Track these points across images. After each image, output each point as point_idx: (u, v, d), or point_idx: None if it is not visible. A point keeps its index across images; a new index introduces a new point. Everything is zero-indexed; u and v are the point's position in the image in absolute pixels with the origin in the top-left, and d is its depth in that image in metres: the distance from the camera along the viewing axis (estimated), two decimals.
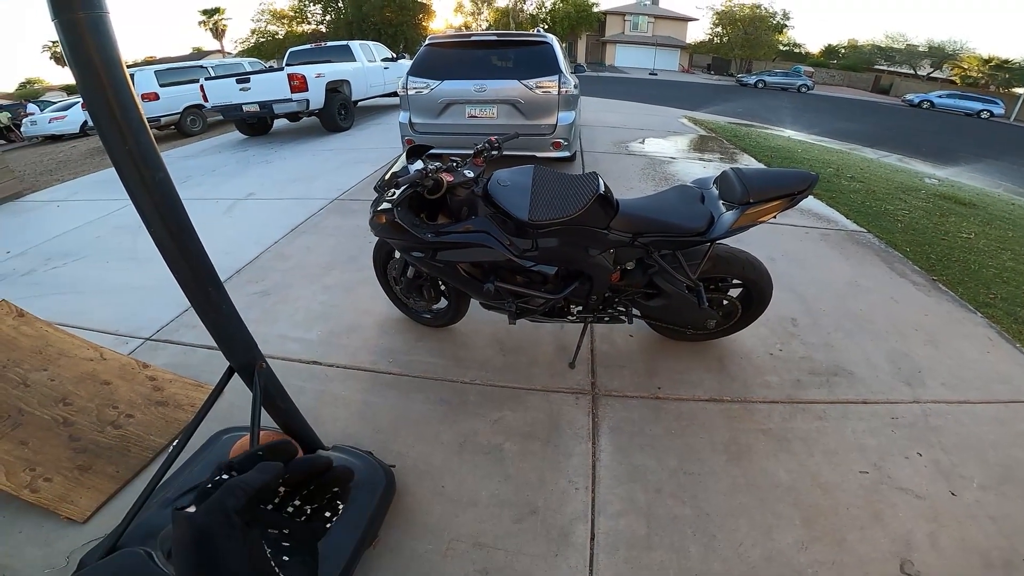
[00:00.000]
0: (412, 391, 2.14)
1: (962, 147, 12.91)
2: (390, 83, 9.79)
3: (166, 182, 1.01)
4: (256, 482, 0.38)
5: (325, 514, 0.44)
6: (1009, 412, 2.09)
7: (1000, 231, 4.42)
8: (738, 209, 1.79)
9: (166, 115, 9.63)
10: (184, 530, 0.35)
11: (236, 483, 0.38)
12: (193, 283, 1.11)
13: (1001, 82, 35.41)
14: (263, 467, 0.40)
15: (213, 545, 0.34)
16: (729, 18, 40.39)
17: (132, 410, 1.93)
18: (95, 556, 1.33)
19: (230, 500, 0.36)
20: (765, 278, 2.09)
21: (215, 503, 0.36)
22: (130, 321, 2.69)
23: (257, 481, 0.38)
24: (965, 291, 3.07)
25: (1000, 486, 1.73)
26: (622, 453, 1.84)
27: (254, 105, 7.48)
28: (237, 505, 0.36)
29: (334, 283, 3.02)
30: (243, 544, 0.35)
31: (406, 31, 35.58)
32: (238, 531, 0.35)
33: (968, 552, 1.51)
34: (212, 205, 4.66)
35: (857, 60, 43.21)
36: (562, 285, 1.97)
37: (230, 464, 0.42)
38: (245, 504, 0.37)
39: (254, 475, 0.39)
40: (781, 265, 3.16)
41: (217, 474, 0.41)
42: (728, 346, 2.40)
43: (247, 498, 0.37)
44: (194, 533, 0.34)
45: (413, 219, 1.81)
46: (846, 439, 1.91)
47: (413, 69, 4.94)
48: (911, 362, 2.36)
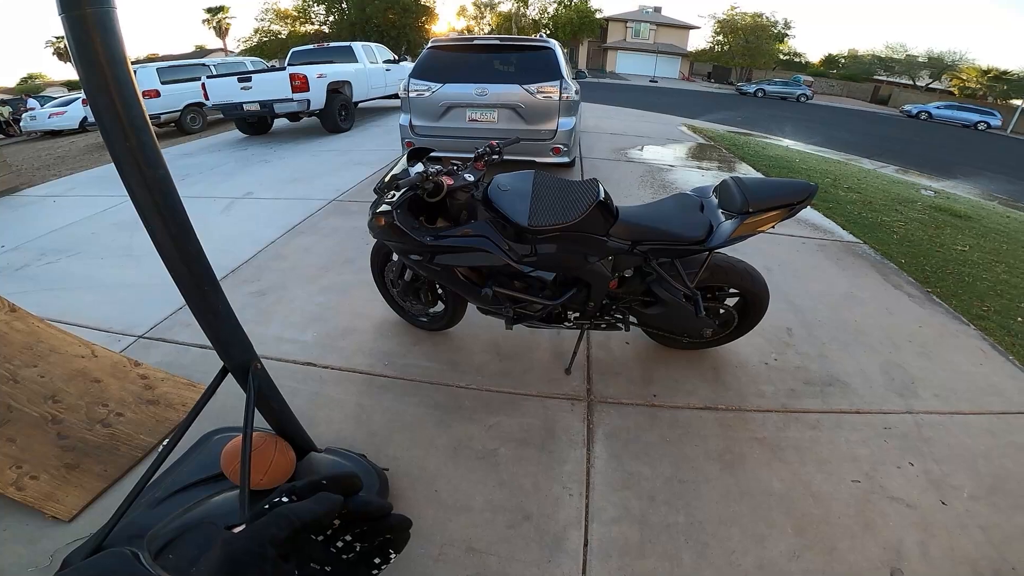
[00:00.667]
0: (407, 395, 2.13)
1: (959, 159, 13.00)
2: (391, 85, 9.79)
3: (166, 180, 1.00)
4: (307, 515, 0.38)
5: (375, 560, 0.43)
6: (1001, 423, 2.11)
7: (994, 244, 4.45)
8: (737, 218, 1.80)
9: (167, 112, 9.63)
10: (217, 552, 0.35)
11: (287, 511, 0.37)
12: (190, 283, 1.11)
13: (999, 93, 35.66)
14: (320, 499, 0.39)
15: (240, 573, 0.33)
16: (730, 27, 40.66)
17: (122, 408, 1.91)
18: (80, 555, 1.32)
19: (273, 529, 0.36)
20: (762, 288, 2.10)
21: (257, 530, 0.36)
22: (123, 318, 2.68)
23: (309, 514, 0.38)
24: (959, 303, 3.09)
25: (990, 496, 1.75)
26: (617, 460, 1.83)
27: (255, 104, 7.48)
28: (279, 535, 0.35)
29: (331, 284, 3.01)
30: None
31: (409, 34, 35.70)
32: (269, 563, 0.34)
33: (958, 562, 1.52)
34: (210, 203, 4.64)
35: (857, 70, 43.50)
36: (560, 291, 1.97)
37: (292, 488, 0.41)
38: (289, 535, 0.36)
39: (308, 506, 0.38)
40: (778, 275, 3.17)
41: (277, 496, 0.40)
42: (724, 355, 2.41)
43: (292, 529, 0.36)
44: (226, 556, 0.34)
45: (412, 222, 1.81)
46: (839, 448, 1.92)
47: (415, 71, 4.94)
48: (904, 373, 2.37)
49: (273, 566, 0.34)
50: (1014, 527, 1.64)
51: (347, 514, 0.40)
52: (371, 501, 0.42)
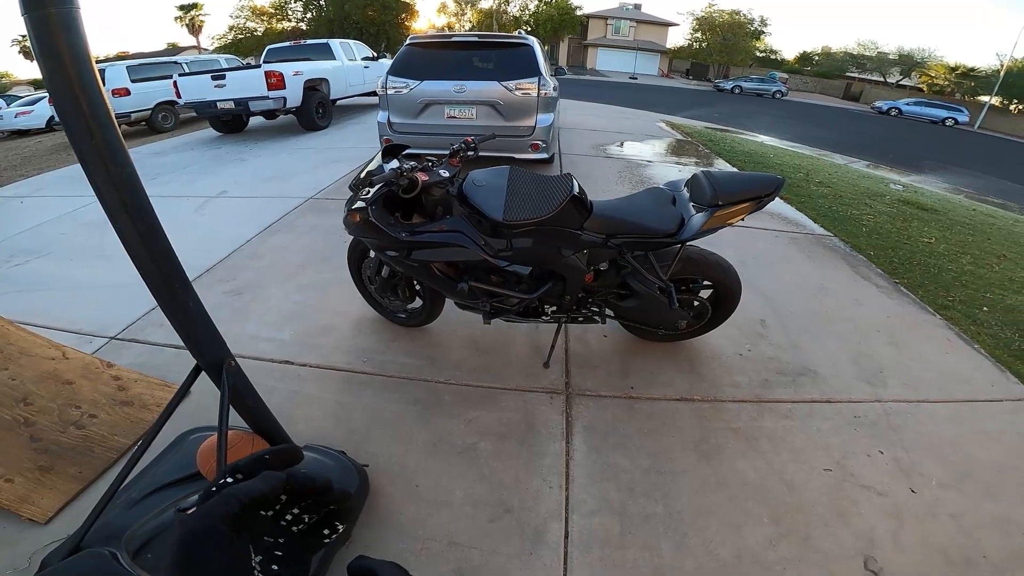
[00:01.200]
0: (386, 391, 2.13)
1: (927, 154, 13.39)
2: (370, 82, 9.71)
3: (133, 179, 1.00)
4: (254, 491, 0.39)
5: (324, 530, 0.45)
6: (967, 411, 2.17)
7: (960, 236, 4.59)
8: (708, 211, 1.84)
9: (137, 111, 9.45)
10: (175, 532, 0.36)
11: (234, 491, 0.39)
12: (160, 281, 1.10)
13: (967, 90, 36.71)
14: (265, 477, 0.41)
15: (197, 549, 0.35)
16: (709, 24, 41.10)
17: (95, 410, 1.89)
18: (58, 556, 1.31)
19: (222, 507, 0.37)
20: (734, 280, 2.15)
21: (208, 509, 0.37)
22: (95, 320, 2.62)
23: (255, 491, 0.39)
24: (925, 294, 3.19)
25: (959, 484, 1.80)
26: (596, 452, 1.86)
27: (229, 102, 7.36)
28: (229, 512, 0.37)
29: (308, 283, 2.98)
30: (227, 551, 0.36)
31: (388, 30, 35.38)
32: (224, 538, 0.36)
33: (929, 549, 1.56)
34: (183, 203, 4.55)
35: (830, 67, 44.38)
36: (536, 285, 1.98)
37: (235, 467, 0.42)
38: (239, 511, 0.37)
39: (254, 484, 0.40)
40: (752, 268, 3.23)
41: (222, 477, 0.41)
42: (699, 347, 2.45)
43: (241, 506, 0.38)
44: (181, 535, 0.35)
45: (387, 218, 1.81)
46: (811, 438, 1.97)
47: (393, 68, 4.92)
48: (873, 362, 2.43)
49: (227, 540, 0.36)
50: (983, 515, 1.68)
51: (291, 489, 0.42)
52: (313, 476, 0.44)
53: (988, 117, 30.47)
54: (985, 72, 36.16)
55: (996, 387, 2.35)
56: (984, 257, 4.08)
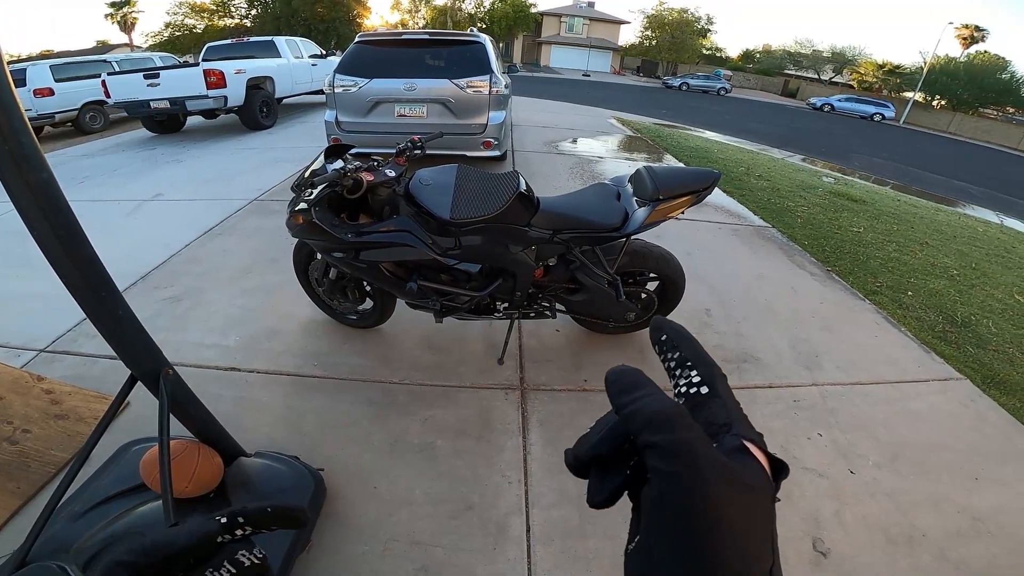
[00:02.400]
0: (339, 393, 2.10)
1: (857, 147, 14.25)
2: (317, 80, 9.47)
3: (50, 183, 0.95)
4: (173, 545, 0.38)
5: None
6: (896, 392, 2.32)
7: (886, 225, 4.94)
8: (650, 205, 1.90)
9: (61, 111, 8.89)
10: None
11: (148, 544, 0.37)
12: (84, 289, 1.05)
13: (893, 87, 39.32)
14: (190, 531, 0.40)
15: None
16: (658, 22, 42.15)
17: (28, 425, 1.84)
18: (5, 572, 1.25)
19: (126, 556, 0.36)
20: (678, 271, 2.23)
21: (112, 558, 0.36)
22: (23, 332, 2.45)
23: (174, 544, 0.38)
24: (855, 280, 3.41)
25: (892, 463, 1.92)
26: (552, 446, 1.89)
27: (164, 102, 7.00)
28: (129, 561, 0.36)
29: (253, 286, 2.88)
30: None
31: (339, 27, 34.43)
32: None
33: (871, 529, 1.65)
34: (114, 207, 4.29)
35: (770, 64, 46.49)
36: (486, 282, 2.00)
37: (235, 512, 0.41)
38: (141, 563, 0.36)
39: (177, 535, 0.39)
40: (697, 259, 3.37)
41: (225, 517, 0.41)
42: (648, 338, 2.52)
43: (139, 556, 0.37)
44: None
45: (332, 219, 1.78)
46: (755, 422, 1.99)
47: (341, 67, 4.81)
48: (809, 347, 2.58)
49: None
50: (918, 493, 1.80)
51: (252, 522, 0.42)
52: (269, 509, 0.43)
53: (912, 112, 32.81)
54: (910, 69, 38.85)
55: (922, 368, 2.53)
56: (908, 245, 4.40)
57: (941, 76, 34.90)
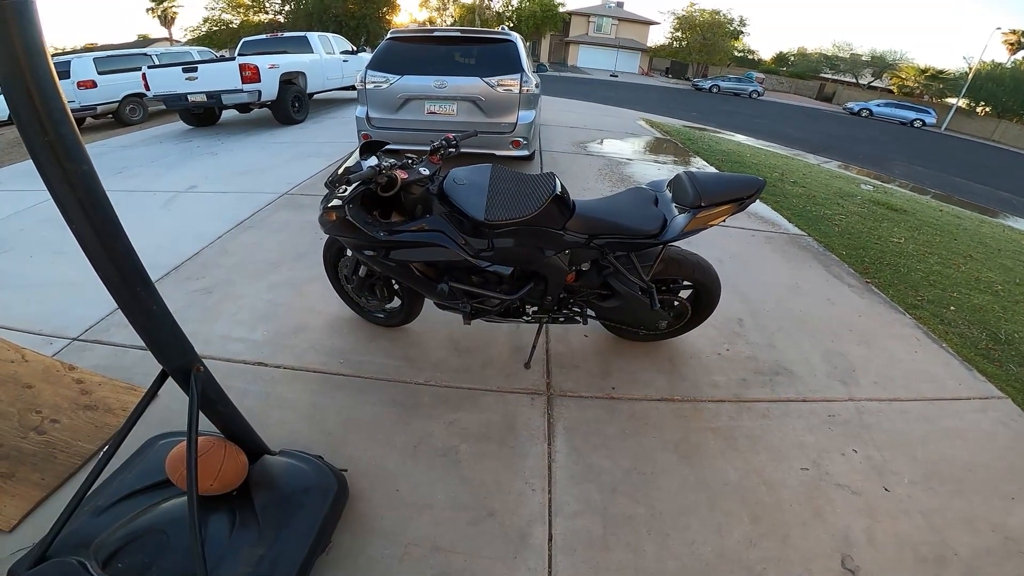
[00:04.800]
0: (364, 393, 2.09)
1: (896, 154, 13.78)
2: (349, 76, 9.59)
3: (89, 175, 0.95)
4: None
5: None
6: (935, 409, 2.22)
7: (928, 236, 4.73)
8: (690, 212, 1.84)
9: (103, 103, 9.17)
10: None
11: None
12: (119, 283, 1.05)
13: (935, 92, 37.89)
14: None
15: None
16: (689, 23, 41.51)
17: (57, 415, 1.83)
18: (24, 565, 1.26)
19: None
20: (714, 280, 2.16)
21: None
22: (55, 320, 2.50)
23: None
24: (895, 293, 3.27)
25: (928, 482, 1.84)
26: (577, 453, 1.85)
27: (201, 95, 7.17)
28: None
29: (281, 281, 2.90)
30: None
31: (369, 24, 34.79)
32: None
33: (902, 547, 1.59)
34: (150, 197, 4.39)
35: (805, 68, 45.27)
36: (517, 286, 1.96)
37: None
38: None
39: None
40: (729, 267, 3.27)
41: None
42: (679, 346, 2.46)
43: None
44: None
45: (365, 217, 1.76)
46: (788, 437, 1.99)
47: (372, 63, 4.83)
48: (845, 361, 2.48)
49: None
50: (953, 512, 1.72)
51: None
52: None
53: (955, 119, 31.55)
54: (953, 75, 37.39)
55: (963, 385, 2.41)
56: (951, 257, 4.20)
57: (987, 82, 33.43)
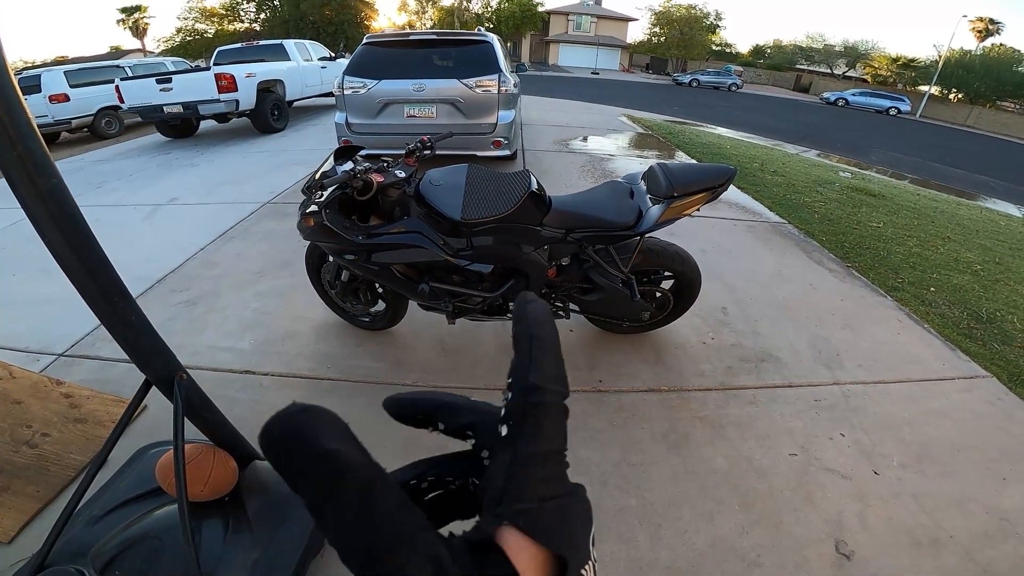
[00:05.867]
0: (353, 396, 2.09)
1: (873, 142, 13.98)
2: (327, 83, 9.50)
3: (60, 189, 0.95)
4: None
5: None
6: (920, 390, 2.26)
7: (906, 220, 4.83)
8: (664, 203, 1.87)
9: (77, 117, 8.96)
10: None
11: None
12: (96, 295, 1.04)
13: (908, 80, 38.66)
14: None
15: None
16: (666, 18, 41.92)
17: (48, 428, 1.85)
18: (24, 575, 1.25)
19: None
20: (693, 269, 2.19)
21: None
22: (41, 337, 2.48)
23: None
24: (876, 276, 3.33)
25: (918, 464, 1.86)
26: (567, 447, 1.86)
27: (177, 106, 7.08)
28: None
29: (267, 289, 2.89)
30: None
31: (347, 30, 34.66)
32: None
33: (896, 531, 1.61)
34: (130, 211, 4.32)
35: (781, 60, 45.88)
36: (498, 283, 1.98)
37: None
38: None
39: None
40: (712, 256, 3.31)
41: None
42: (664, 337, 2.49)
43: None
44: None
45: (343, 221, 1.77)
46: (775, 423, 2.01)
47: (350, 68, 4.82)
48: (830, 345, 2.52)
49: None
50: (944, 494, 1.75)
51: None
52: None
53: (929, 106, 32.15)
54: (924, 63, 38.10)
55: (947, 366, 2.46)
56: (930, 240, 4.29)
57: (957, 69, 34.14)
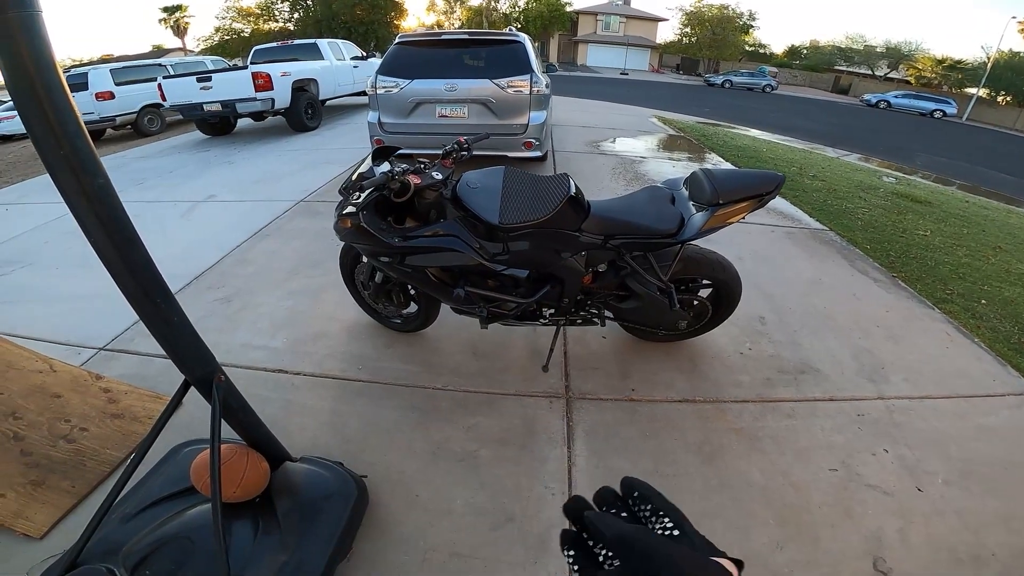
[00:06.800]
0: (383, 399, 2.09)
1: (918, 146, 13.45)
2: (360, 82, 9.64)
3: (106, 188, 0.95)
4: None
5: None
6: (968, 406, 2.15)
7: (955, 228, 4.60)
8: (708, 210, 1.80)
9: (121, 114, 9.34)
10: None
11: None
12: (139, 294, 1.05)
13: (954, 82, 37.10)
14: None
15: None
16: (698, 18, 41.23)
17: (86, 423, 1.86)
18: (55, 572, 1.29)
19: None
20: (734, 278, 2.11)
21: None
22: (82, 331, 2.55)
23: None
24: (923, 287, 3.18)
25: (963, 481, 1.78)
26: (597, 457, 1.82)
27: (216, 104, 7.27)
28: None
29: (299, 288, 2.92)
30: None
31: (377, 30, 35.19)
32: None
33: (937, 548, 1.54)
34: (170, 208, 4.45)
35: (818, 60, 44.60)
36: (534, 288, 1.94)
37: None
38: None
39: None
40: (749, 264, 3.21)
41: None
42: (699, 346, 2.42)
43: None
44: None
45: (379, 223, 1.76)
46: (815, 437, 1.94)
47: (382, 68, 4.86)
48: (874, 358, 2.41)
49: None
50: (989, 512, 1.67)
51: None
52: None
53: (976, 109, 30.77)
54: (971, 64, 36.51)
55: (997, 381, 2.33)
56: (980, 249, 4.08)
57: (1006, 71, 32.61)
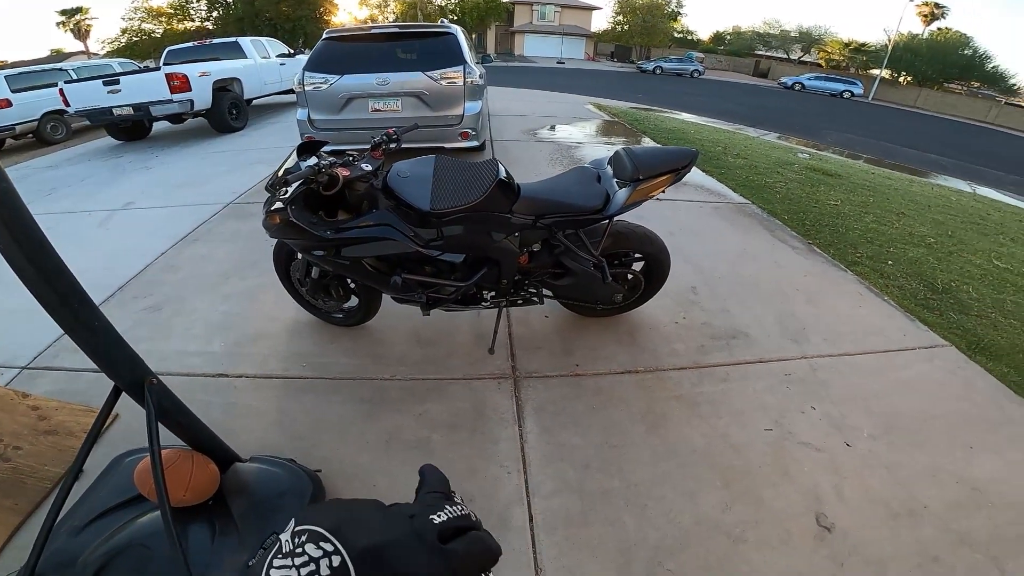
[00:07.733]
0: (330, 394, 2.07)
1: (828, 124, 14.46)
2: (287, 80, 9.30)
3: (10, 193, 0.90)
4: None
5: None
6: (884, 361, 2.35)
7: (862, 197, 5.02)
8: (631, 186, 1.90)
9: (21, 123, 8.57)
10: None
11: None
12: (55, 301, 1.01)
13: (860, 64, 39.99)
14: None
15: None
16: (629, 7, 42.12)
17: (18, 442, 1.82)
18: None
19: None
20: (663, 251, 2.24)
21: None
22: (3, 350, 2.38)
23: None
24: (836, 252, 3.46)
25: (887, 435, 1.92)
26: (548, 433, 1.88)
27: (127, 108, 6.78)
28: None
29: (234, 291, 2.82)
30: None
31: (305, 26, 33.56)
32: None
33: (872, 502, 1.65)
34: (83, 218, 4.13)
35: (740, 46, 46.82)
36: (471, 272, 1.98)
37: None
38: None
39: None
40: (680, 238, 3.38)
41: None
42: (637, 319, 2.54)
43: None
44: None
45: (310, 217, 1.74)
46: (749, 398, 2.07)
47: (309, 64, 4.71)
48: (796, 320, 2.60)
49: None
50: (916, 465, 1.79)
51: None
52: None
53: (880, 89, 33.37)
54: (875, 47, 39.43)
55: (908, 336, 2.56)
56: (885, 215, 4.47)
57: (905, 53, 35.55)
